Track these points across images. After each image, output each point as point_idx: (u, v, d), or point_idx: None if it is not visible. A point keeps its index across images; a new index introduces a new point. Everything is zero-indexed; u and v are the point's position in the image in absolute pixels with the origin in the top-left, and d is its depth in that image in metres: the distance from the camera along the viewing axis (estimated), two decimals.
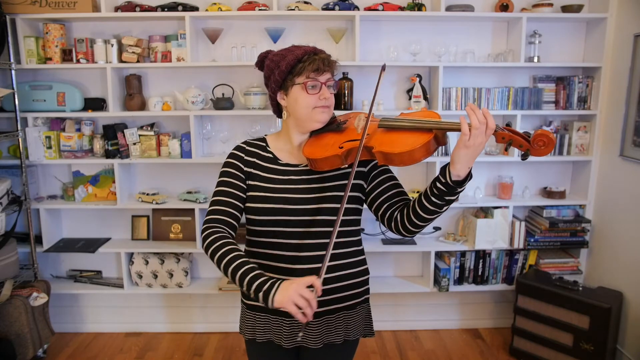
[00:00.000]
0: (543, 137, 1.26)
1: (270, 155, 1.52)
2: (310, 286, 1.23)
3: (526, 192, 3.07)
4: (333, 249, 1.45)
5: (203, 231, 1.40)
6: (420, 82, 2.89)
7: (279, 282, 1.24)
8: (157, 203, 2.91)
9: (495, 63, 2.89)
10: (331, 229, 1.44)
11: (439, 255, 3.16)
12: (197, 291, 3.07)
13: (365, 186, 1.52)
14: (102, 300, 3.23)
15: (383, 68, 1.45)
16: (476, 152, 1.26)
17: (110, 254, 3.18)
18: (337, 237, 1.46)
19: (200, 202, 2.91)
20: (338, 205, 1.44)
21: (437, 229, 3.14)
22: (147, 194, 2.94)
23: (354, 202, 1.50)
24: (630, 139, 2.69)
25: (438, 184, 1.32)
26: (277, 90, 1.47)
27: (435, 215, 1.37)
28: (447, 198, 1.33)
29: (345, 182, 1.47)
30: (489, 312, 3.30)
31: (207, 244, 1.37)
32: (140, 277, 3.04)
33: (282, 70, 1.42)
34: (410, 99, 2.93)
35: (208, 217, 1.44)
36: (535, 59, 2.89)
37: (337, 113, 1.61)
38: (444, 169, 1.32)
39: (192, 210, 2.99)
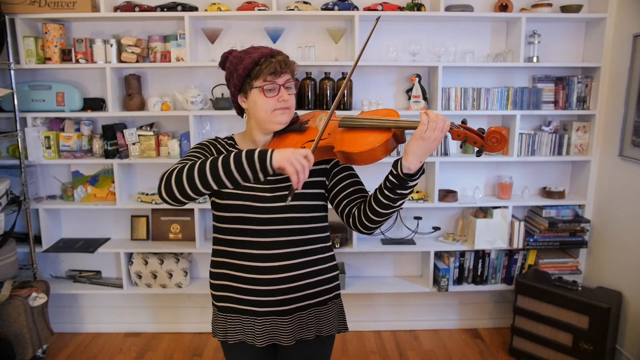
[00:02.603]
0: (496, 134, 1.31)
1: None
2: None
3: (525, 192, 3.07)
4: (300, 247, 1.48)
5: (165, 172, 1.33)
6: (419, 82, 2.89)
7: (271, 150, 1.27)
8: (156, 203, 2.91)
9: (495, 63, 2.89)
10: (298, 226, 1.48)
11: (439, 255, 3.16)
12: (197, 291, 3.07)
13: (327, 183, 1.54)
14: (102, 300, 3.23)
15: (377, 19, 1.50)
16: (430, 147, 1.29)
17: (110, 254, 3.18)
18: (303, 235, 1.49)
19: (199, 202, 2.91)
20: (303, 203, 1.48)
21: (436, 229, 3.14)
22: (147, 194, 2.93)
23: (317, 199, 1.51)
24: (629, 139, 2.70)
25: (390, 177, 1.35)
26: (236, 93, 1.50)
27: (390, 210, 1.39)
28: (399, 192, 1.35)
29: (309, 179, 1.47)
30: (489, 312, 3.30)
31: (176, 170, 1.31)
32: (140, 277, 3.04)
33: (239, 74, 1.44)
34: (409, 99, 2.93)
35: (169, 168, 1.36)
36: (535, 59, 2.89)
37: (302, 113, 1.61)
38: (397, 162, 1.34)
39: (192, 210, 2.99)
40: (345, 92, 2.87)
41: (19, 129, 2.77)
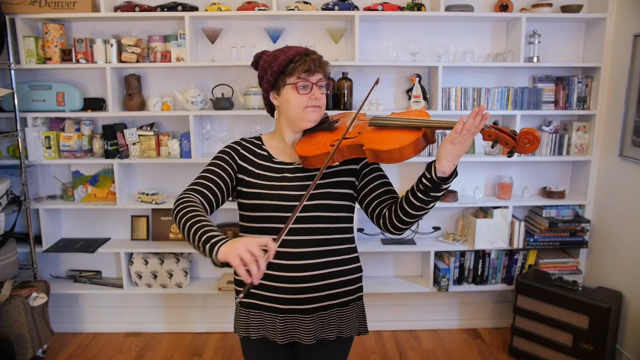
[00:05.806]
0: (528, 135, 1.30)
1: (265, 153, 1.56)
2: (265, 250, 1.15)
3: (525, 192, 3.07)
4: (326, 246, 1.49)
5: (177, 200, 1.38)
6: (419, 82, 2.89)
7: (231, 237, 1.20)
8: (156, 203, 2.91)
9: (495, 63, 2.89)
10: (325, 225, 1.48)
11: (439, 255, 3.15)
12: (197, 291, 3.07)
13: (357, 183, 1.54)
14: (102, 300, 3.23)
15: (376, 82, 1.50)
16: (462, 149, 1.29)
17: (110, 254, 3.18)
18: (330, 234, 1.50)
19: None
20: (331, 202, 1.48)
21: (436, 229, 3.14)
22: (147, 194, 2.93)
23: (345, 199, 1.52)
24: (629, 139, 2.70)
25: (424, 180, 1.35)
26: (269, 90, 1.52)
27: (422, 212, 1.40)
28: (432, 194, 1.35)
29: (338, 179, 1.50)
30: (489, 312, 3.30)
31: (177, 207, 1.34)
32: (140, 277, 3.04)
33: (274, 70, 1.46)
34: (409, 99, 2.93)
35: (186, 189, 1.43)
36: (535, 59, 2.89)
37: (333, 113, 1.64)
38: (430, 165, 1.35)
39: None
40: (345, 92, 2.87)
41: (19, 129, 2.77)
